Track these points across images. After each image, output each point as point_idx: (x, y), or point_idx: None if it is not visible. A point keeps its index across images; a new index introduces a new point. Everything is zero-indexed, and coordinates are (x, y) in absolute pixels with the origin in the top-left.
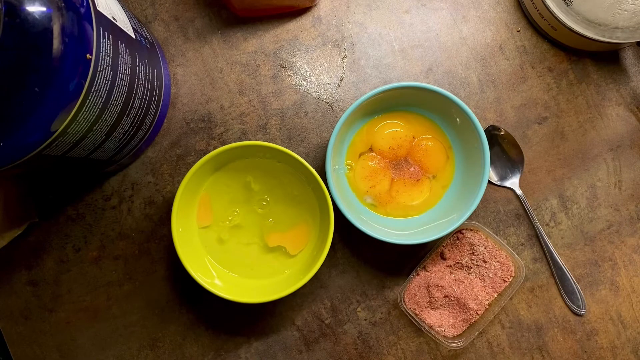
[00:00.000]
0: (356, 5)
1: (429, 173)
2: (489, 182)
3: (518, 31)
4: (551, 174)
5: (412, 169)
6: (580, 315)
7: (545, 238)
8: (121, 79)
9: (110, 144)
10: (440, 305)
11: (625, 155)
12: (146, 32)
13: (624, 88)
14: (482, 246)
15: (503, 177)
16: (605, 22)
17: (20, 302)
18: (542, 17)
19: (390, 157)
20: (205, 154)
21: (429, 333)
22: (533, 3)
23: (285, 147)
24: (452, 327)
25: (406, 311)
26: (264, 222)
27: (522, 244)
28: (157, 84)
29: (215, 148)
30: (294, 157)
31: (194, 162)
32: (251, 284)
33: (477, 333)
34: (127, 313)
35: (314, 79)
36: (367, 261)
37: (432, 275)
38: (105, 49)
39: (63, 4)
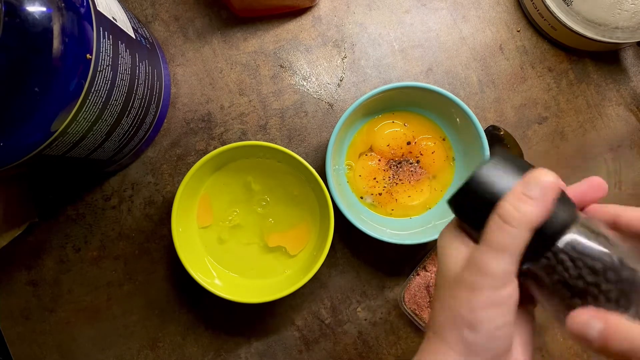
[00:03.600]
0: (356, 5)
1: (429, 173)
2: None
3: (518, 31)
4: None
5: (412, 169)
6: None
7: None
8: (121, 79)
9: (110, 144)
10: None
11: (625, 155)
12: (146, 32)
13: (624, 88)
14: None
15: None
16: (605, 22)
17: (20, 302)
18: (542, 17)
19: (390, 157)
20: (205, 154)
21: None
22: (533, 3)
23: (285, 147)
24: None
25: (406, 311)
26: (264, 222)
27: None
28: (157, 84)
29: (215, 148)
30: (294, 157)
31: (194, 162)
32: (251, 284)
33: None
34: (127, 313)
35: (314, 79)
36: (367, 261)
37: (432, 275)
38: (105, 49)
39: (63, 4)
